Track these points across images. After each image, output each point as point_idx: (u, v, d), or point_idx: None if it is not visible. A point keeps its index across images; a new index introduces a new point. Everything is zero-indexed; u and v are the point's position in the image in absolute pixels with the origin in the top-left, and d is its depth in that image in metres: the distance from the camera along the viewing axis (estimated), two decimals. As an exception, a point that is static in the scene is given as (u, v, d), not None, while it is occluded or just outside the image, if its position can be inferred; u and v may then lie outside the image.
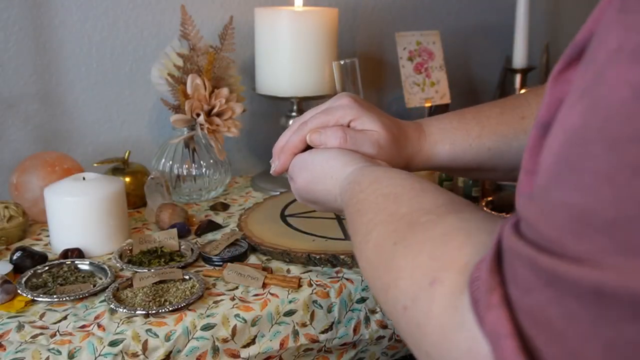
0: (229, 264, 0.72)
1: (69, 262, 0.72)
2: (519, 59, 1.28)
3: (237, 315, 0.64)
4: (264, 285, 0.69)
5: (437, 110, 1.23)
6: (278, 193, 0.99)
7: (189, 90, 0.92)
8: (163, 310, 0.62)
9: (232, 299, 0.66)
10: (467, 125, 0.67)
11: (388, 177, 0.51)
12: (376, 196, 0.48)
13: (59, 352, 0.57)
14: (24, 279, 0.68)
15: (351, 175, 0.56)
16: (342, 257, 0.73)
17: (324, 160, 0.61)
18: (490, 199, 0.93)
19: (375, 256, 0.43)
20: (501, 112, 0.67)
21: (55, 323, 0.61)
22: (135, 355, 0.59)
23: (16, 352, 0.57)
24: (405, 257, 0.38)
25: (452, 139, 0.66)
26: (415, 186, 0.48)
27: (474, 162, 0.67)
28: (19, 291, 0.66)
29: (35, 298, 0.65)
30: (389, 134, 0.64)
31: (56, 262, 0.72)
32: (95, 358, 0.57)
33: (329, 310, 0.69)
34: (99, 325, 0.61)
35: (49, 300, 0.65)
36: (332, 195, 0.59)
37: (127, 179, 0.92)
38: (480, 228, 0.37)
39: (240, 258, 0.75)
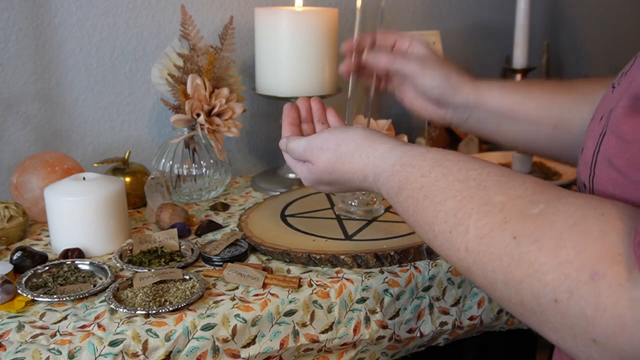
0: (229, 264, 0.72)
1: (69, 262, 0.72)
2: (519, 59, 1.28)
3: (237, 315, 0.64)
4: (264, 285, 0.69)
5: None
6: (278, 193, 0.99)
7: (189, 90, 0.92)
8: (163, 310, 0.62)
9: (232, 299, 0.66)
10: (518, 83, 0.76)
11: (450, 159, 0.50)
12: (450, 182, 0.48)
13: (59, 352, 0.57)
14: (24, 279, 0.68)
15: (398, 157, 0.55)
16: (342, 257, 0.73)
17: (348, 139, 0.61)
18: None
19: (484, 248, 0.42)
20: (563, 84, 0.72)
21: (55, 323, 0.61)
22: (135, 355, 0.59)
23: (16, 352, 0.57)
24: (541, 251, 0.38)
25: (500, 84, 0.73)
26: (488, 169, 0.47)
27: (521, 110, 0.71)
28: (19, 291, 0.66)
29: (35, 298, 0.65)
30: (435, 56, 0.72)
31: (56, 262, 0.72)
32: (96, 358, 0.57)
33: (329, 311, 0.69)
34: (99, 325, 0.61)
35: (49, 300, 0.65)
36: (361, 175, 0.59)
37: (127, 179, 0.92)
38: (597, 210, 0.39)
39: (240, 258, 0.75)
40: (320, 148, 0.63)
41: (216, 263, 0.74)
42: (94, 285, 0.68)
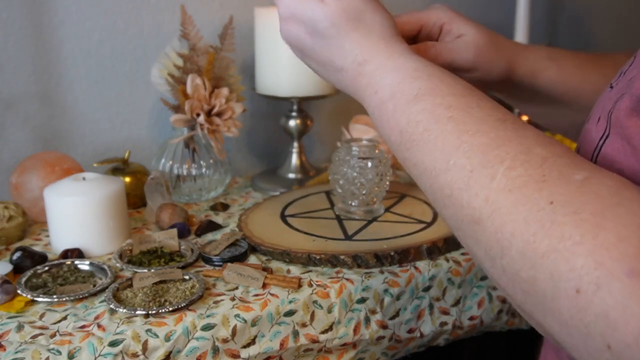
0: (229, 264, 0.72)
1: (69, 262, 0.72)
2: (519, 59, 1.28)
3: (237, 316, 0.64)
4: (264, 286, 0.69)
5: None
6: (278, 193, 0.99)
7: (189, 90, 0.92)
8: (163, 311, 0.62)
9: (232, 299, 0.66)
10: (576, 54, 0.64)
11: (484, 96, 0.42)
12: (486, 114, 0.40)
13: (59, 353, 0.57)
14: (24, 279, 0.68)
15: (424, 63, 0.46)
16: (342, 257, 0.73)
17: (381, 9, 0.50)
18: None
19: (510, 204, 0.35)
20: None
21: (55, 323, 0.61)
22: (135, 355, 0.59)
23: (16, 353, 0.56)
24: (579, 227, 0.32)
25: (558, 64, 0.62)
26: (523, 121, 0.40)
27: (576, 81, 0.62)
28: (18, 291, 0.65)
29: (35, 298, 0.65)
30: (485, 35, 0.59)
31: (56, 262, 0.72)
32: (95, 358, 0.57)
33: (329, 311, 0.68)
34: (99, 326, 0.61)
35: (49, 300, 0.65)
36: (362, 55, 0.48)
37: (127, 179, 0.92)
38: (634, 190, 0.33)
39: (240, 258, 0.75)
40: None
41: (216, 263, 0.74)
42: (94, 286, 0.68)
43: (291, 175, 1.07)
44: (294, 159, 1.08)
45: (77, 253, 0.74)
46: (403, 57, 0.46)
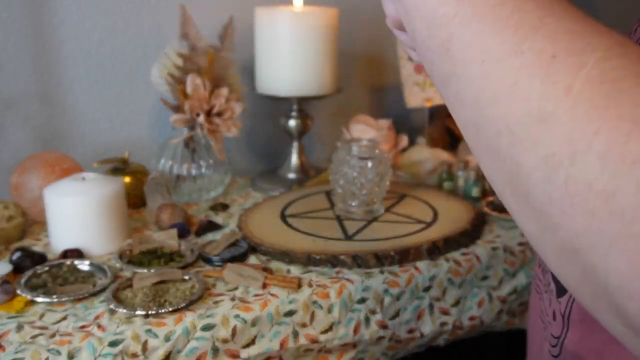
0: (229, 264, 0.72)
1: (69, 263, 0.72)
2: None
3: (237, 316, 0.64)
4: (264, 286, 0.69)
5: (438, 110, 1.23)
6: (278, 193, 0.98)
7: (188, 90, 0.92)
8: (163, 311, 0.62)
9: (232, 299, 0.66)
10: None
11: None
12: (567, 6, 0.32)
13: (59, 353, 0.57)
14: (24, 280, 0.68)
15: None
16: (342, 257, 0.73)
17: None
18: (490, 199, 0.93)
19: (601, 96, 0.27)
20: None
21: (54, 323, 0.61)
22: (135, 355, 0.59)
23: (15, 353, 0.56)
24: None
25: None
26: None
27: None
28: (18, 291, 0.65)
29: (34, 298, 0.64)
30: None
31: (56, 262, 0.72)
32: (95, 358, 0.57)
33: (329, 311, 0.68)
34: (99, 326, 0.61)
35: (49, 300, 0.65)
36: None
37: (127, 179, 0.92)
38: None
39: (240, 258, 0.75)
40: None
41: (216, 263, 0.74)
42: (94, 286, 0.68)
43: (291, 175, 1.07)
44: (294, 159, 1.08)
45: (77, 253, 0.74)
46: None
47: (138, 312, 0.62)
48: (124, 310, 0.62)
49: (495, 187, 0.33)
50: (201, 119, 0.92)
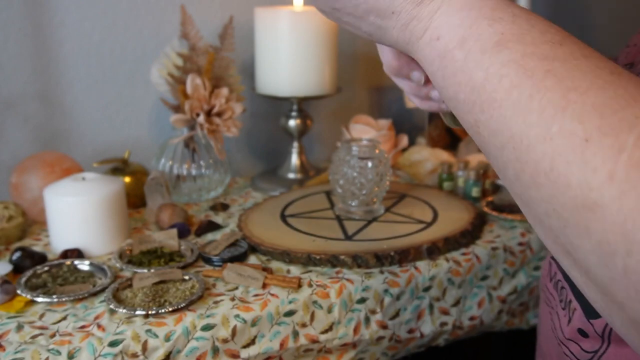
0: (228, 264, 0.72)
1: (69, 263, 0.72)
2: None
3: (237, 316, 0.64)
4: (264, 286, 0.69)
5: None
6: (278, 193, 0.98)
7: (188, 90, 0.92)
8: (163, 311, 0.62)
9: (232, 299, 0.66)
10: None
11: (585, 47, 0.33)
12: (595, 65, 0.30)
13: (59, 353, 0.57)
14: (24, 279, 0.68)
15: (505, 3, 0.34)
16: (342, 257, 0.73)
17: None
18: (490, 199, 0.93)
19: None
20: None
21: (54, 323, 0.61)
22: (135, 355, 0.59)
23: (15, 353, 0.56)
24: None
25: None
26: (623, 70, 0.31)
27: None
28: (18, 291, 0.65)
29: (34, 298, 0.64)
30: None
31: (56, 262, 0.72)
32: (95, 358, 0.57)
33: (329, 311, 0.68)
34: (99, 326, 0.60)
35: (49, 300, 0.65)
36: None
37: (127, 179, 0.92)
38: None
39: (240, 258, 0.75)
40: None
41: (216, 263, 0.74)
42: (94, 286, 0.68)
43: (291, 175, 1.07)
44: (294, 159, 1.08)
45: (77, 253, 0.74)
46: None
47: (138, 312, 0.62)
48: (124, 310, 0.62)
49: (555, 255, 0.32)
50: (201, 119, 0.92)
